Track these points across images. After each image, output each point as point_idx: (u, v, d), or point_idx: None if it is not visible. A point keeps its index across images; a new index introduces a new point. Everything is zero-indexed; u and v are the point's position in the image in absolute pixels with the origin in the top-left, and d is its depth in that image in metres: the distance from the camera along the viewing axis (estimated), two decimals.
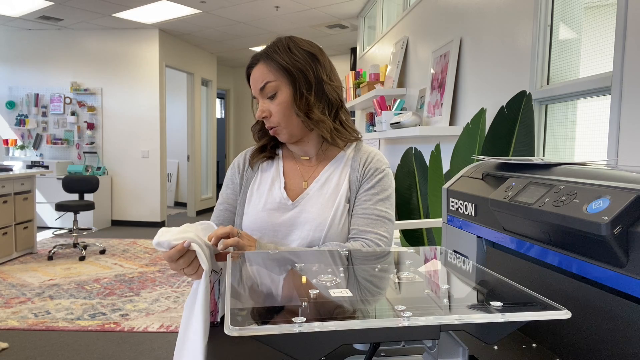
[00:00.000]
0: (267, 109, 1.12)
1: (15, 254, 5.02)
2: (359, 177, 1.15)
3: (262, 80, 1.11)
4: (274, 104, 1.12)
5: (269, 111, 1.12)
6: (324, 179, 1.16)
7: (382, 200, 1.14)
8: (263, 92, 1.12)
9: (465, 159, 2.10)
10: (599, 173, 0.66)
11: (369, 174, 1.16)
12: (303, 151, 1.21)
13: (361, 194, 1.14)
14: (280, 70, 1.11)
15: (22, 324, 3.24)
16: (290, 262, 0.84)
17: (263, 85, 1.11)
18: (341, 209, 1.12)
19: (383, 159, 1.20)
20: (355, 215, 1.13)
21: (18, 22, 6.38)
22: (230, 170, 1.26)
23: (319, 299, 0.60)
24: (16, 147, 7.02)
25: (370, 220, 1.11)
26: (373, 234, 1.10)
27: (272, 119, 1.13)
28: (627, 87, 1.44)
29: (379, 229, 1.11)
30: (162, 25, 6.64)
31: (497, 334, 0.57)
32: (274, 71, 1.11)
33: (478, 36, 2.54)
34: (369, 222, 1.11)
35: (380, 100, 3.68)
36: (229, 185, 1.24)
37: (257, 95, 1.14)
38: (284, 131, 1.14)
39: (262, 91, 1.12)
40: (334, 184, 1.15)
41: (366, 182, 1.15)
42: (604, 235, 0.54)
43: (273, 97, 1.12)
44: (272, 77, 1.11)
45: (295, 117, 1.12)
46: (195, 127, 7.98)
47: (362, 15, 5.85)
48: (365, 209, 1.12)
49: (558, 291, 0.68)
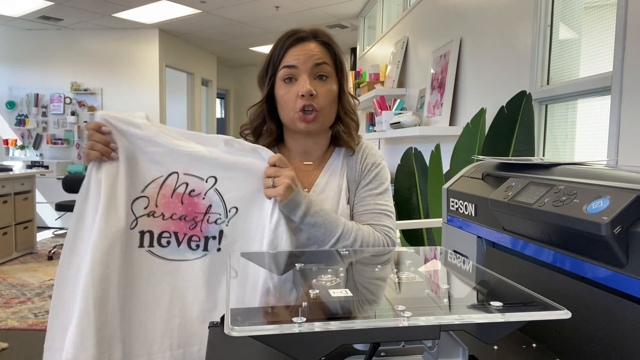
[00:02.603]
0: (315, 88, 1.05)
1: (15, 254, 5.02)
2: (357, 175, 1.15)
3: (321, 58, 1.06)
4: (323, 87, 1.06)
5: (317, 91, 1.05)
6: (323, 183, 1.14)
7: (381, 194, 1.15)
8: (315, 69, 1.06)
9: (465, 159, 2.10)
10: (599, 173, 0.66)
11: (366, 170, 1.15)
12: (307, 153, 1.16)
13: (360, 191, 1.14)
14: (334, 62, 1.10)
15: (22, 324, 3.24)
16: (291, 262, 0.84)
17: (320, 63, 1.06)
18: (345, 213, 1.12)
19: (377, 152, 1.21)
20: (357, 213, 1.13)
21: (18, 22, 6.38)
22: None
23: (319, 299, 0.60)
24: (16, 147, 7.02)
25: (373, 215, 1.12)
26: (380, 226, 1.11)
27: (319, 101, 1.05)
28: (627, 87, 1.44)
29: (385, 221, 1.12)
30: (162, 25, 6.63)
31: (497, 334, 0.57)
32: (329, 58, 1.09)
33: (478, 36, 2.54)
34: (373, 217, 1.12)
35: (380, 100, 3.68)
36: None
37: (305, 70, 1.05)
38: (322, 118, 1.08)
39: (314, 67, 1.05)
40: (333, 188, 1.14)
41: (364, 179, 1.15)
42: (604, 235, 0.54)
43: (323, 82, 1.07)
44: (330, 63, 1.08)
45: (335, 109, 1.11)
46: (195, 127, 7.98)
47: (362, 15, 5.84)
48: (366, 205, 1.13)
49: (558, 291, 0.68)
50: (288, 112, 1.07)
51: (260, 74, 1.13)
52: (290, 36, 1.08)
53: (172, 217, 0.97)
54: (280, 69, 1.07)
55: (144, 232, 0.96)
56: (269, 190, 0.96)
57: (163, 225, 0.97)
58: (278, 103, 1.10)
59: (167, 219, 0.97)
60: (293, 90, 1.05)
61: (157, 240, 0.97)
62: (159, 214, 0.96)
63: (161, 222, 0.97)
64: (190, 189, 0.96)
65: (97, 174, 0.94)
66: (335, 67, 1.10)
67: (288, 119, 1.09)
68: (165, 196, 0.96)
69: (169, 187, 0.96)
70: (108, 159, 0.95)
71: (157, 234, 0.97)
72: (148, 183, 0.95)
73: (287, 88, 1.06)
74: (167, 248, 0.97)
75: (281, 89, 1.08)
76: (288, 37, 1.08)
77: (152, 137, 0.95)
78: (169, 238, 0.97)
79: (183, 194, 0.96)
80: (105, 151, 0.94)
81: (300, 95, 1.04)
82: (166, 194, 0.96)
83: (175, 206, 0.97)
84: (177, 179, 0.96)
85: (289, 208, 0.98)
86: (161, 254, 0.97)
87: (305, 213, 0.99)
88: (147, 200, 0.96)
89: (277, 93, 1.09)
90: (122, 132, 0.94)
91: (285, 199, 0.96)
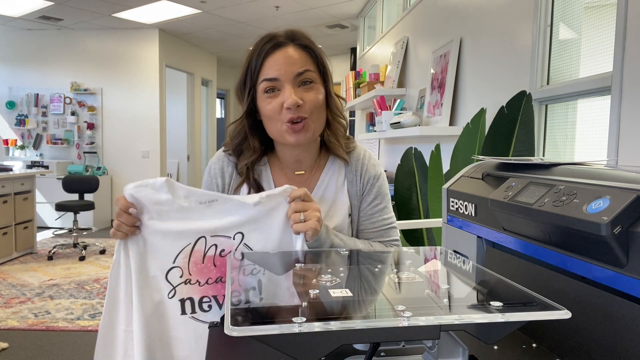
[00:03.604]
0: (300, 97, 0.98)
1: (15, 254, 5.02)
2: (358, 189, 1.12)
3: (303, 66, 1.00)
4: (309, 94, 1.00)
5: (303, 100, 0.99)
6: (321, 192, 1.10)
7: (386, 207, 1.14)
8: (298, 78, 0.99)
9: (465, 159, 2.10)
10: (599, 173, 0.66)
11: (368, 185, 1.12)
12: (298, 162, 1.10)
13: (366, 208, 1.12)
14: (317, 66, 1.03)
15: (22, 324, 3.24)
16: (291, 262, 0.84)
17: (303, 71, 0.99)
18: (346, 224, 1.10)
19: (376, 161, 1.16)
20: (367, 230, 1.12)
21: (18, 22, 6.38)
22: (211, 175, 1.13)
23: (318, 299, 0.60)
24: (16, 147, 7.02)
25: (382, 232, 1.13)
26: (389, 242, 1.13)
27: (307, 108, 0.99)
28: (627, 87, 1.44)
29: (392, 235, 1.13)
30: (162, 25, 6.64)
31: (497, 334, 0.57)
32: (311, 63, 1.02)
33: (478, 36, 2.54)
34: (382, 233, 1.12)
35: (380, 100, 3.68)
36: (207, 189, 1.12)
37: (287, 81, 0.98)
38: (312, 126, 1.02)
39: (297, 77, 0.99)
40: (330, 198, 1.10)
41: (368, 194, 1.12)
42: (604, 235, 0.54)
43: (307, 88, 1.00)
44: (312, 68, 1.02)
45: (323, 115, 1.05)
46: (195, 127, 7.98)
47: (362, 15, 5.85)
48: (375, 223, 1.12)
49: (558, 291, 0.68)
50: (275, 125, 1.01)
51: (237, 86, 1.06)
52: (266, 43, 1.00)
53: (208, 282, 0.95)
54: (260, 82, 1.00)
55: (184, 299, 0.95)
56: (299, 226, 0.92)
57: (201, 291, 0.96)
58: (263, 117, 1.04)
59: (203, 285, 0.96)
60: (277, 101, 0.99)
61: (198, 306, 0.96)
62: (194, 281, 0.95)
63: (199, 288, 0.95)
64: (220, 250, 0.95)
65: (125, 250, 0.94)
66: (318, 70, 1.04)
67: (276, 132, 1.03)
68: (196, 263, 0.94)
69: (199, 253, 0.94)
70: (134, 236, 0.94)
71: (198, 300, 0.95)
72: (177, 254, 0.94)
73: (270, 100, 1.00)
74: (210, 312, 0.96)
75: (264, 103, 1.01)
76: (264, 44, 1.00)
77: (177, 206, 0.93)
78: (210, 302, 0.96)
79: (214, 256, 0.94)
80: (131, 231, 0.92)
81: (286, 107, 0.98)
82: (197, 261, 0.94)
83: (209, 271, 0.95)
84: (205, 242, 0.94)
85: (318, 242, 0.95)
86: (205, 319, 0.95)
87: (331, 244, 0.99)
88: (181, 269, 0.95)
89: (260, 106, 1.02)
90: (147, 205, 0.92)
91: (317, 233, 0.93)
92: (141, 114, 6.90)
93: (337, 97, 1.11)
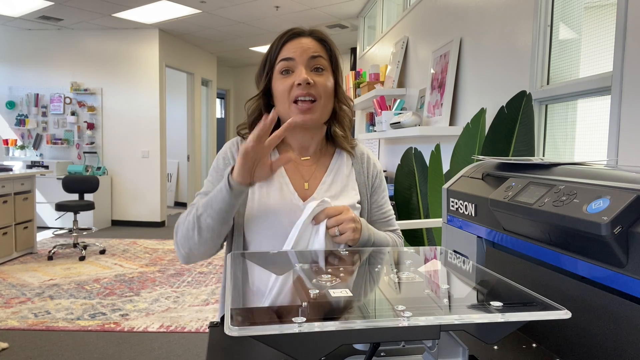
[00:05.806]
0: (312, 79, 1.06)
1: (15, 254, 5.02)
2: (367, 181, 1.20)
3: (316, 51, 1.09)
4: (320, 77, 1.08)
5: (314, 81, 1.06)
6: (330, 180, 1.14)
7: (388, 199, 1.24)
8: (312, 61, 1.08)
9: (465, 159, 2.10)
10: (599, 173, 0.66)
11: (374, 176, 1.21)
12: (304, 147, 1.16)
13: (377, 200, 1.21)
14: (329, 58, 1.12)
15: (22, 324, 3.24)
16: (291, 262, 0.84)
17: (316, 56, 1.08)
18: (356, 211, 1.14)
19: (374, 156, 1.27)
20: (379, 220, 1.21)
21: (18, 22, 6.38)
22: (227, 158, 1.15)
23: (318, 299, 0.60)
24: (16, 147, 7.02)
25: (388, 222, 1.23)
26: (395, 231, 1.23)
27: (317, 89, 1.07)
28: (627, 87, 1.44)
29: (395, 225, 1.24)
30: (162, 25, 6.63)
31: (497, 334, 0.57)
32: (325, 53, 1.11)
33: (478, 36, 2.54)
34: (390, 223, 1.23)
35: (380, 100, 3.68)
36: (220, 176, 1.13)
37: (301, 62, 1.07)
38: (320, 108, 1.08)
39: (311, 60, 1.08)
40: (339, 186, 1.15)
41: (378, 187, 1.22)
42: (604, 235, 0.54)
43: (319, 74, 1.09)
44: (325, 57, 1.11)
45: (331, 102, 1.13)
46: (195, 127, 7.98)
47: (362, 15, 5.85)
48: (384, 213, 1.22)
49: (558, 291, 0.68)
50: (284, 105, 1.08)
51: (257, 72, 1.15)
52: (287, 32, 1.11)
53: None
54: (277, 62, 1.09)
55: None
56: (338, 239, 1.00)
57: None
58: (275, 98, 1.11)
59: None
60: (289, 80, 1.06)
61: None
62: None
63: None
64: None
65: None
66: (330, 61, 1.13)
67: (284, 111, 1.09)
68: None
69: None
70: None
71: None
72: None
73: (283, 80, 1.08)
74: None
75: (278, 82, 1.09)
76: (285, 33, 1.11)
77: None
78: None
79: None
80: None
81: (296, 84, 1.05)
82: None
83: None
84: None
85: (362, 243, 1.04)
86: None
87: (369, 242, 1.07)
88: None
89: (274, 87, 1.10)
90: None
91: (358, 240, 1.02)
92: (141, 114, 6.90)
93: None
